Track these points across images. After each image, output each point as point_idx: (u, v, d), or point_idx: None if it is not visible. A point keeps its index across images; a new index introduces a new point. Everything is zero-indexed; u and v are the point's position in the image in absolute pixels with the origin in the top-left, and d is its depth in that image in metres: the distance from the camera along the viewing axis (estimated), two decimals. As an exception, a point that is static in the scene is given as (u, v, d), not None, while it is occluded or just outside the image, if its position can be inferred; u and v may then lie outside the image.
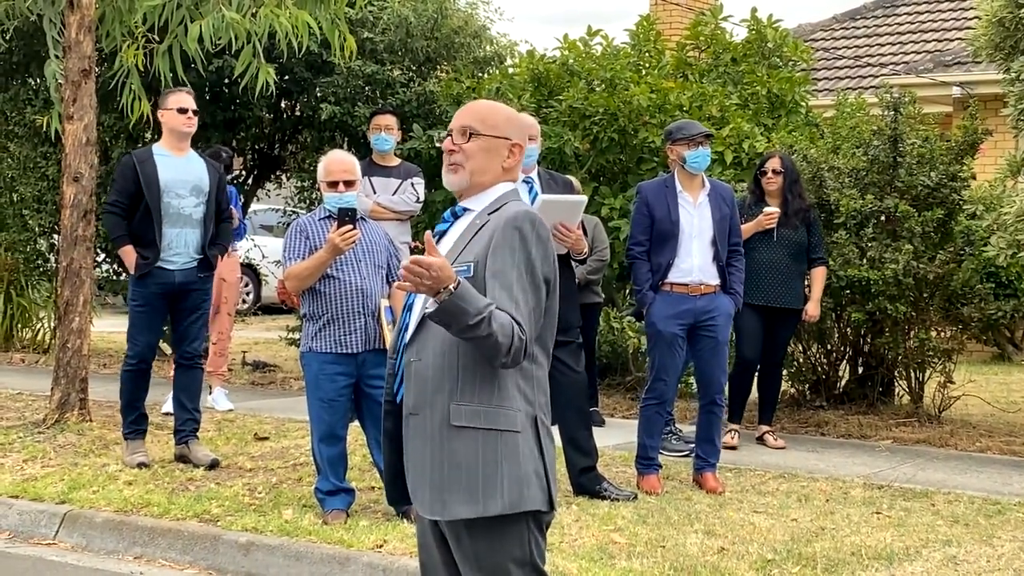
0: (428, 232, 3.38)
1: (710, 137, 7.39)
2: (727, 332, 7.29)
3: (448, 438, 3.39)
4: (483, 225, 3.49)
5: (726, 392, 7.61)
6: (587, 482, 7.04)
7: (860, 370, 10.10)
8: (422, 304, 3.44)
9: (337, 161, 6.61)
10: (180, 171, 7.80)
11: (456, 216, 3.63)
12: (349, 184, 6.51)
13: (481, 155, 3.58)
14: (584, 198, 7.18)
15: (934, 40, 19.74)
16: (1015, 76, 8.94)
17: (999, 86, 10.32)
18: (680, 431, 8.61)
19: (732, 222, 7.33)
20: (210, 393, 9.80)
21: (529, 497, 3.42)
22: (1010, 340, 14.87)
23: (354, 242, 6.36)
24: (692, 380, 9.03)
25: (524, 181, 7.24)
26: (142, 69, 9.56)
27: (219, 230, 7.98)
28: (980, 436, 9.17)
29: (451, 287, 3.22)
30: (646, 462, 7.33)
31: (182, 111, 7.82)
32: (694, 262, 7.20)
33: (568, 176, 8.29)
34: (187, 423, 7.92)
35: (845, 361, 10.17)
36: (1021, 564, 5.88)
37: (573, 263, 7.12)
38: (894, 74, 17.98)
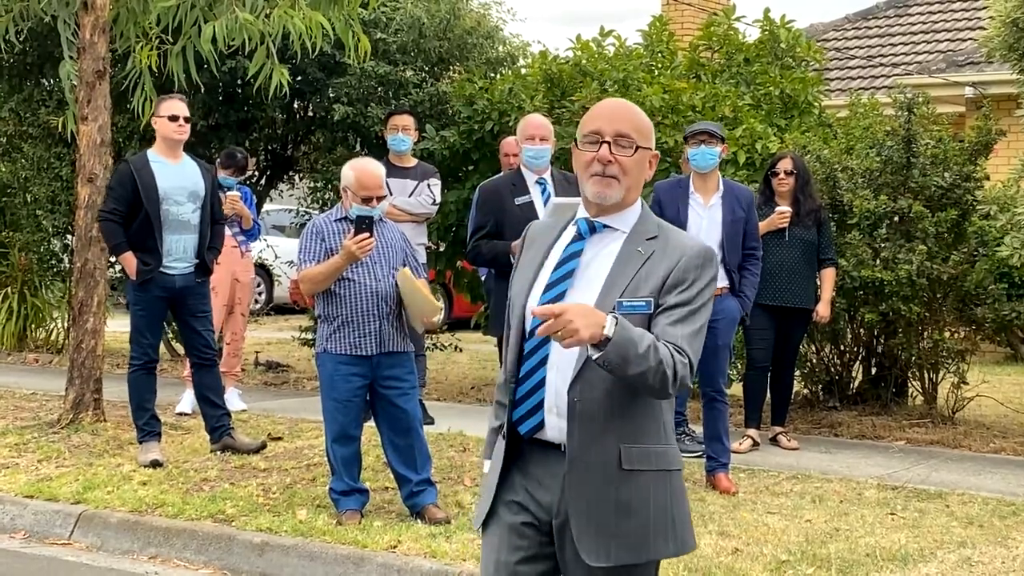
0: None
1: (716, 136, 7.33)
2: (729, 335, 7.26)
3: (619, 482, 3.15)
4: (649, 255, 3.19)
5: (725, 388, 7.50)
6: None
7: (873, 371, 10.09)
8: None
9: (371, 175, 6.47)
10: (177, 178, 7.87)
11: (593, 231, 3.27)
12: (380, 199, 6.51)
13: (636, 169, 3.25)
14: None
15: (947, 40, 19.70)
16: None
17: (1013, 86, 10.33)
18: (693, 431, 8.59)
19: (748, 225, 7.32)
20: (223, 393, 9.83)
21: (692, 538, 3.29)
22: (1023, 341, 14.82)
23: (369, 250, 6.35)
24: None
25: (537, 182, 7.26)
26: (155, 70, 9.58)
27: (212, 232, 8.06)
28: (994, 437, 9.15)
29: (607, 332, 2.95)
30: None
31: (173, 119, 7.88)
32: None
33: None
34: (221, 419, 8.08)
35: (858, 362, 10.15)
36: (1036, 566, 5.88)
37: None
38: (907, 74, 17.95)
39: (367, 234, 6.32)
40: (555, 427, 3.17)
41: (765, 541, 6.19)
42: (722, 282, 7.22)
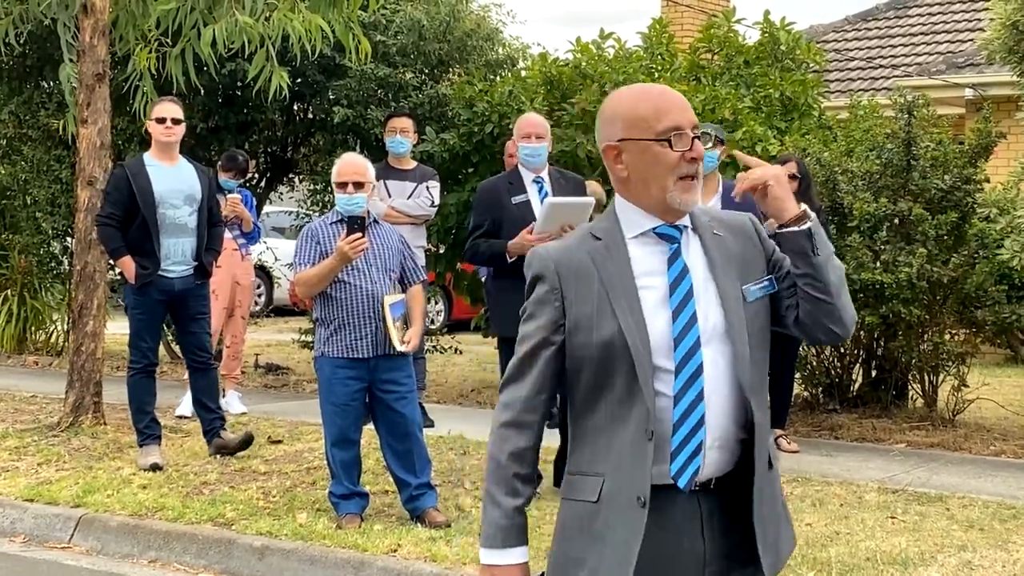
0: None
1: (713, 137, 7.29)
2: None
3: (773, 481, 2.90)
4: (722, 235, 2.87)
5: None
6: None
7: (874, 373, 10.08)
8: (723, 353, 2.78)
9: (348, 163, 6.65)
10: (173, 181, 7.88)
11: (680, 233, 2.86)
12: (359, 186, 6.51)
13: None
14: (591, 200, 7.16)
15: (947, 42, 19.71)
16: (1030, 79, 8.93)
17: (1012, 88, 10.32)
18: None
19: None
20: (223, 396, 9.82)
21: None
22: (1023, 343, 14.81)
23: (363, 250, 6.36)
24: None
25: (534, 181, 7.25)
26: (155, 73, 9.59)
27: (211, 235, 8.06)
28: (995, 440, 9.13)
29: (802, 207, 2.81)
30: None
31: (160, 121, 7.90)
32: None
33: (581, 176, 8.27)
34: (214, 422, 8.09)
35: (859, 364, 10.14)
36: (1036, 570, 5.87)
37: None
38: (906, 76, 17.96)
39: (359, 234, 6.33)
40: (713, 463, 2.78)
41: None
42: None
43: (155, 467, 7.62)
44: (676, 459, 2.73)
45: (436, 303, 17.35)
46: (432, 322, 15.80)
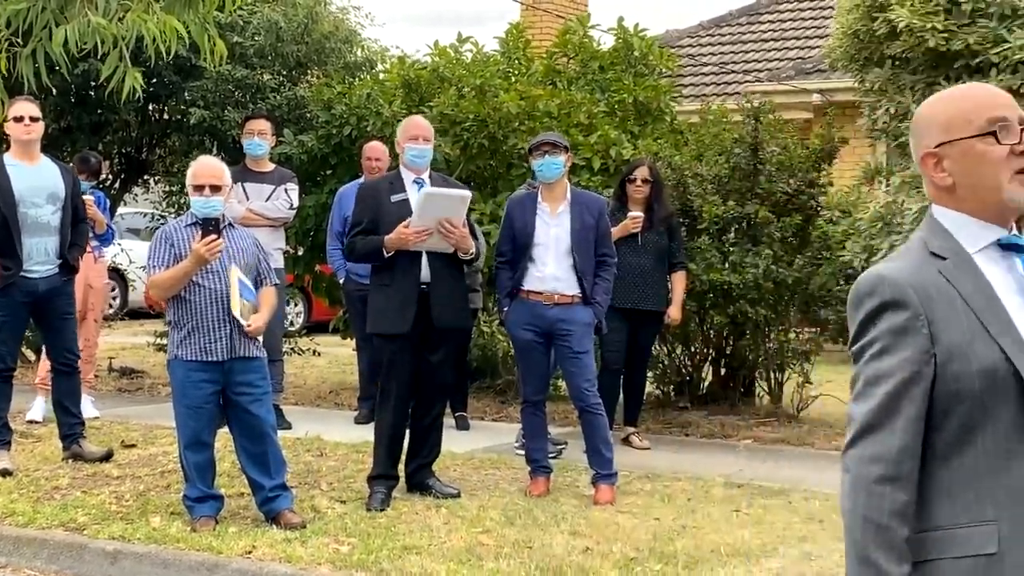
0: None
1: (560, 146, 7.40)
2: (585, 342, 7.34)
3: None
4: None
5: (596, 398, 7.57)
6: (421, 477, 7.22)
7: (723, 372, 10.38)
8: None
9: (204, 166, 6.67)
10: (33, 179, 7.77)
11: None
12: (215, 189, 6.52)
13: None
14: (468, 193, 7.28)
15: (796, 48, 20.24)
16: (869, 87, 9.26)
17: (855, 94, 10.66)
18: (549, 433, 8.74)
19: (599, 232, 7.43)
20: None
21: None
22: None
23: (219, 252, 6.37)
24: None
25: (415, 182, 7.31)
26: (6, 73, 9.41)
27: (75, 231, 7.97)
28: (836, 435, 9.46)
29: None
30: (532, 465, 7.47)
31: (18, 119, 7.81)
32: (548, 271, 7.32)
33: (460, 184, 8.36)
34: (74, 427, 8.01)
35: (708, 363, 10.44)
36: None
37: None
38: (757, 81, 18.42)
39: (214, 236, 6.34)
40: None
41: (615, 539, 6.34)
42: (573, 290, 7.34)
43: (5, 472, 7.51)
44: None
45: (295, 305, 17.29)
46: (291, 324, 15.75)
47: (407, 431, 7.26)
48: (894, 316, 2.40)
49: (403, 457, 7.25)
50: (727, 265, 9.57)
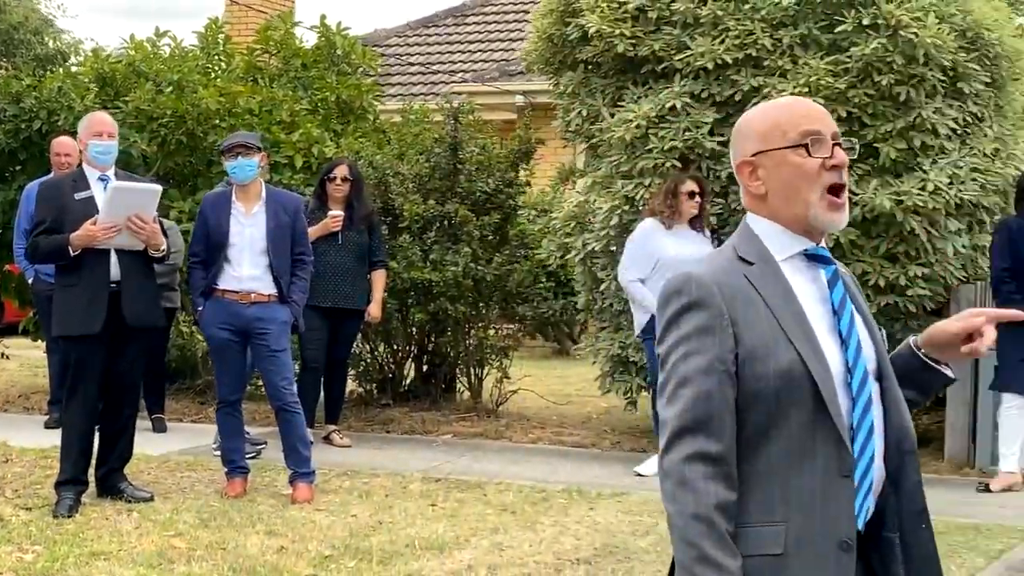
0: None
1: (253, 148, 7.33)
2: (282, 341, 7.32)
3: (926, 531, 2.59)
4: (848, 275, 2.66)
5: (293, 396, 7.54)
6: (112, 481, 7.09)
7: (425, 368, 10.50)
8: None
9: None
10: None
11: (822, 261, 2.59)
12: None
13: None
14: (158, 188, 7.13)
15: (501, 50, 20.62)
16: (563, 90, 9.55)
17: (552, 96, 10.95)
18: (248, 433, 8.66)
19: (295, 231, 7.42)
20: None
21: None
22: (569, 335, 15.77)
23: None
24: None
25: (100, 179, 7.11)
26: None
27: None
28: (533, 428, 9.73)
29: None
30: (229, 466, 7.38)
31: None
32: (244, 271, 7.27)
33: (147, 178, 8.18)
34: None
35: (411, 360, 10.54)
36: (560, 547, 6.33)
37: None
38: (464, 81, 18.69)
39: None
40: (871, 506, 2.51)
41: (311, 537, 6.35)
42: (270, 289, 7.30)
43: None
44: (860, 498, 2.46)
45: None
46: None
47: (97, 434, 7.07)
48: (700, 315, 2.44)
49: (93, 461, 7.07)
50: (428, 263, 9.70)
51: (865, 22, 8.33)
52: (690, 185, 8.23)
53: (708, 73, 8.73)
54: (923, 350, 2.63)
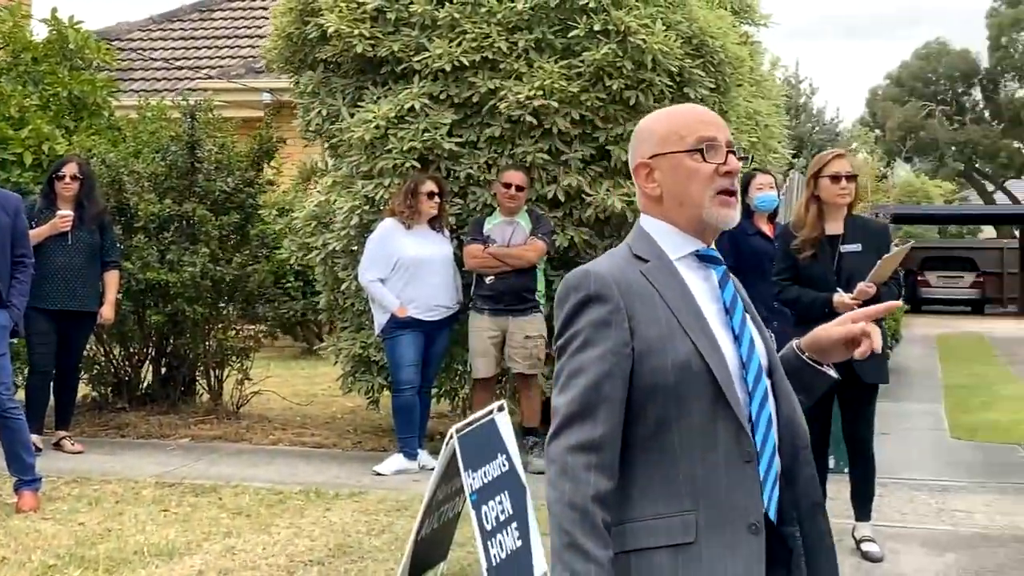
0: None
1: None
2: (1, 345, 7.07)
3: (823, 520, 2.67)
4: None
5: (13, 402, 7.27)
6: None
7: (163, 371, 10.29)
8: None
9: None
10: None
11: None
12: None
13: None
14: None
15: (248, 46, 20.34)
16: (303, 89, 9.49)
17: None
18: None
19: (15, 231, 7.16)
20: None
21: None
22: (318, 335, 15.70)
23: None
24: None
25: None
26: None
27: None
28: (275, 429, 9.65)
29: None
30: None
31: None
32: None
33: None
34: None
35: (148, 362, 10.32)
36: (294, 549, 6.30)
37: None
38: (209, 78, 18.37)
39: None
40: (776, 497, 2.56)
41: (35, 547, 6.16)
42: None
43: None
44: (767, 489, 2.50)
45: None
46: None
47: None
48: (597, 309, 2.48)
49: None
50: (165, 264, 9.51)
51: (596, 28, 8.54)
52: (429, 185, 8.34)
53: (446, 75, 8.81)
54: (806, 353, 2.71)
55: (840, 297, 6.22)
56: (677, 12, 8.82)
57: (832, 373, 2.72)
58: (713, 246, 2.64)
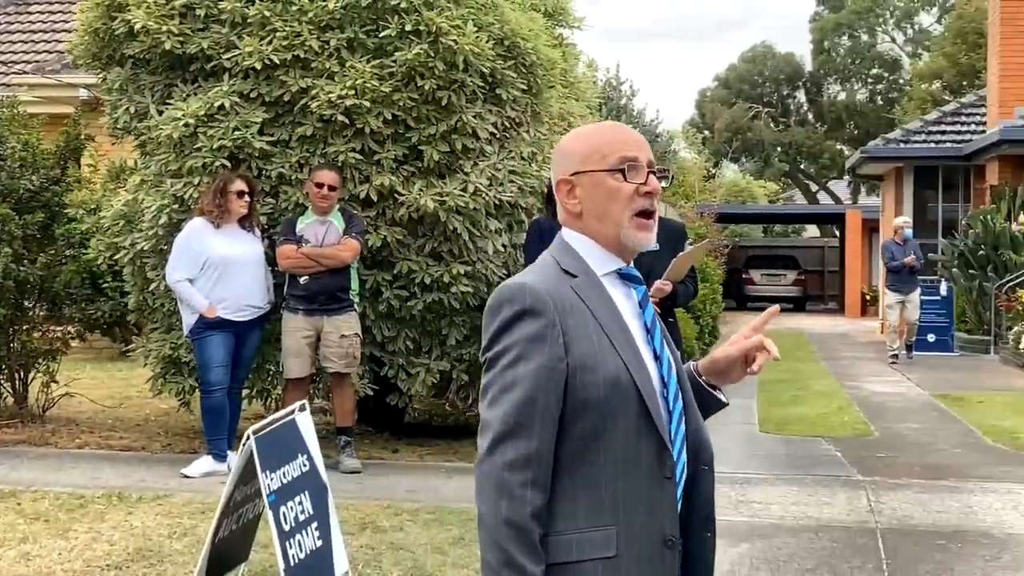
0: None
1: None
2: None
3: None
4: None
5: None
6: None
7: (-34, 374, 10.00)
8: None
9: None
10: None
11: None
12: None
13: None
14: None
15: (66, 40, 19.79)
16: (111, 86, 9.31)
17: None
18: None
19: None
20: None
21: None
22: (138, 336, 15.40)
23: None
24: None
25: None
26: None
27: None
28: (82, 432, 9.45)
29: None
30: None
31: None
32: None
33: None
34: None
35: (-52, 366, 10.01)
36: (92, 553, 6.19)
37: None
38: (23, 73, 17.88)
39: None
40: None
41: None
42: None
43: None
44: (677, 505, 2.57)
45: None
46: None
47: None
48: (532, 323, 2.46)
49: None
50: (-34, 264, 9.24)
51: (408, 28, 8.56)
52: (239, 184, 8.27)
53: (257, 73, 8.74)
54: (703, 376, 2.72)
55: None
56: (489, 14, 8.90)
57: (722, 398, 2.75)
58: (632, 265, 2.66)
